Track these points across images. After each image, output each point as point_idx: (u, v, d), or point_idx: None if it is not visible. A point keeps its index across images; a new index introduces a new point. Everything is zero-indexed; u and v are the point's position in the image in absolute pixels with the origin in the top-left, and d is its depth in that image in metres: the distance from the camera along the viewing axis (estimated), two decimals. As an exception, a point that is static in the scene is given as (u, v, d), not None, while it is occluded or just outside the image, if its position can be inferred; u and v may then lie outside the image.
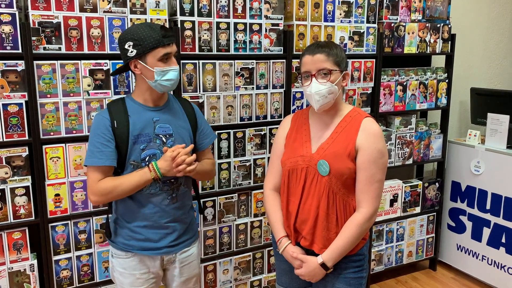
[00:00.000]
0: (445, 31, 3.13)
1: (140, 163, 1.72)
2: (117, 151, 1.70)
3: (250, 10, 2.42)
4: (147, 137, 1.72)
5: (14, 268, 2.10)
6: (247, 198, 2.62)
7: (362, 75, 2.82)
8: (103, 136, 1.68)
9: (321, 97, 1.64)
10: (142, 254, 1.79)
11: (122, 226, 1.81)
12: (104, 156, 1.68)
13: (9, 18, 1.92)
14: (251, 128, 2.54)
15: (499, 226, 3.10)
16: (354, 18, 2.74)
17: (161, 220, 1.78)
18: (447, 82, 3.21)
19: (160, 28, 1.66)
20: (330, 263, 1.67)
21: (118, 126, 1.69)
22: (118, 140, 1.69)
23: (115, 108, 1.73)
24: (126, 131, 1.69)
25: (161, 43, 1.64)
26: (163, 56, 1.66)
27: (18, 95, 2.00)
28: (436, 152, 3.29)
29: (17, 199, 2.06)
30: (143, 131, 1.72)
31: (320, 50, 1.65)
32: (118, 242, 1.82)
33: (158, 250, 1.80)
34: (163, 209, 1.78)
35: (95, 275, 2.26)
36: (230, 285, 2.66)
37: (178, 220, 1.83)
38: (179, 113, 1.84)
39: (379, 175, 1.67)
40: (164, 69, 1.67)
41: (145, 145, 1.72)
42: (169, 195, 1.78)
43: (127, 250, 1.80)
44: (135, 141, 1.71)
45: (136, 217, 1.78)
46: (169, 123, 1.77)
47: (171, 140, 1.76)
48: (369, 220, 1.67)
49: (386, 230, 3.16)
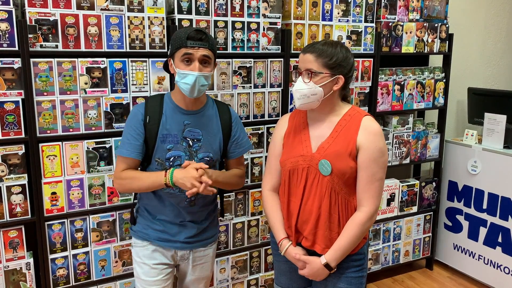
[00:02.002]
0: (443, 30, 3.13)
1: (164, 162, 1.75)
2: (145, 145, 1.74)
3: (248, 9, 2.42)
4: (175, 138, 1.74)
5: (10, 266, 2.09)
6: (244, 197, 2.62)
7: (360, 74, 2.82)
8: (135, 130, 1.73)
9: (302, 96, 1.64)
10: (158, 244, 1.83)
11: (142, 216, 1.87)
12: (131, 149, 1.73)
13: (5, 16, 1.91)
14: (249, 127, 2.53)
15: (496, 226, 3.11)
16: (352, 17, 2.74)
17: (178, 218, 1.82)
18: (444, 82, 3.22)
19: (193, 31, 1.65)
20: (333, 263, 1.67)
21: (150, 122, 1.73)
22: (147, 135, 1.73)
23: (152, 104, 1.77)
24: (156, 128, 1.73)
25: (184, 44, 1.64)
26: (183, 57, 1.66)
27: (14, 93, 1.99)
28: (433, 151, 3.29)
29: (13, 197, 2.05)
30: (171, 132, 1.74)
31: (312, 50, 1.64)
32: (137, 230, 1.87)
33: (173, 243, 1.83)
34: (180, 210, 1.81)
35: (91, 273, 2.26)
36: (227, 284, 2.65)
37: (196, 221, 1.85)
38: (213, 119, 1.82)
39: (380, 174, 1.68)
40: (183, 72, 1.66)
41: (172, 145, 1.74)
42: (188, 198, 1.78)
43: (144, 239, 1.84)
44: (163, 139, 1.74)
45: (156, 210, 1.82)
46: (200, 128, 1.78)
47: (197, 145, 1.77)
48: (370, 219, 1.67)
49: (383, 230, 3.16)
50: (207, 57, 1.68)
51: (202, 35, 1.66)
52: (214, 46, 1.71)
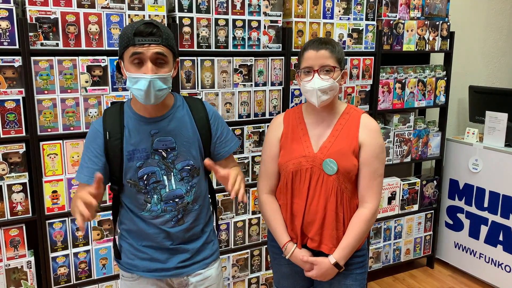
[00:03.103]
0: (444, 28, 3.12)
1: (138, 182, 1.51)
2: (110, 166, 1.50)
3: (249, 7, 2.41)
4: (144, 153, 1.49)
5: (11, 265, 2.09)
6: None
7: (360, 72, 2.82)
8: (92, 151, 1.49)
9: (323, 93, 1.63)
10: (147, 276, 1.58)
11: (126, 243, 1.61)
12: (89, 173, 1.47)
13: (6, 14, 1.91)
14: (250, 125, 2.53)
15: (497, 224, 3.10)
16: (353, 15, 2.74)
17: (166, 242, 1.56)
18: (445, 80, 3.21)
19: (142, 24, 1.36)
20: (342, 261, 1.68)
21: (111, 139, 1.47)
22: (111, 155, 1.48)
23: (111, 116, 1.51)
24: (120, 145, 1.47)
25: (131, 41, 1.36)
26: (132, 58, 1.37)
27: (15, 91, 1.99)
28: (434, 150, 3.29)
29: (14, 195, 2.05)
30: (138, 146, 1.49)
31: (325, 46, 1.64)
32: (123, 262, 1.62)
33: (166, 272, 1.58)
34: (167, 232, 1.55)
35: (92, 272, 2.26)
36: (228, 283, 2.65)
37: (188, 241, 1.60)
38: (185, 121, 1.55)
39: (381, 170, 1.70)
40: (134, 75, 1.38)
41: (142, 162, 1.49)
42: (174, 217, 1.54)
43: (132, 271, 1.60)
44: (130, 157, 1.49)
45: (140, 235, 1.57)
46: (172, 135, 1.51)
47: (172, 155, 1.52)
48: (374, 215, 1.70)
49: (384, 228, 3.16)
50: (161, 55, 1.38)
51: (153, 29, 1.36)
52: (170, 41, 1.41)
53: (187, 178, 1.55)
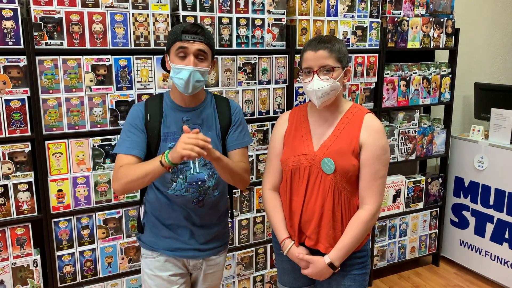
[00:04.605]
0: (449, 25, 3.11)
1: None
2: (148, 145, 1.68)
3: (252, 5, 2.41)
4: (175, 136, 1.68)
5: (17, 263, 2.10)
6: (249, 194, 2.62)
7: (365, 70, 2.81)
8: (134, 126, 1.67)
9: (323, 93, 1.62)
10: (168, 254, 1.75)
11: (149, 222, 1.78)
12: (132, 145, 1.64)
13: (11, 14, 1.92)
14: (254, 124, 2.53)
15: (503, 222, 3.09)
16: (357, 13, 2.73)
17: (187, 222, 1.73)
18: (450, 77, 3.20)
19: (189, 24, 1.60)
20: (337, 262, 1.66)
21: (151, 120, 1.68)
22: (150, 134, 1.67)
23: (152, 103, 1.72)
24: (158, 127, 1.68)
25: (179, 37, 1.58)
26: (177, 51, 1.59)
27: (20, 91, 2.00)
28: (439, 147, 3.28)
29: (20, 194, 2.06)
30: (171, 129, 1.69)
31: (323, 46, 1.62)
32: (145, 240, 1.78)
33: (185, 252, 1.75)
34: (188, 212, 1.72)
35: (98, 270, 2.27)
36: (233, 280, 2.66)
37: (206, 225, 1.77)
38: (212, 115, 1.75)
39: (383, 171, 1.67)
40: (178, 66, 1.60)
41: (174, 143, 1.64)
42: (195, 198, 1.70)
43: (153, 249, 1.76)
44: (165, 138, 1.68)
45: (164, 213, 1.74)
46: (199, 124, 1.71)
47: None
48: (373, 217, 1.66)
49: (389, 226, 3.16)
50: (203, 51, 1.61)
51: (198, 29, 1.60)
52: (211, 41, 1.65)
53: (210, 164, 1.69)
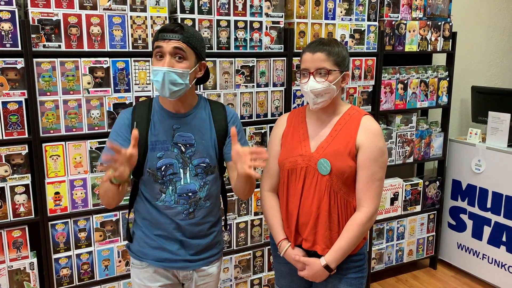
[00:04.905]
0: (446, 29, 3.12)
1: (156, 172, 1.57)
2: None
3: (250, 8, 2.41)
4: (165, 145, 1.58)
5: (14, 266, 2.09)
6: (247, 197, 2.61)
7: (363, 73, 2.81)
8: (119, 134, 1.58)
9: (317, 95, 1.63)
10: (156, 265, 1.65)
11: (138, 230, 1.68)
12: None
13: (8, 16, 1.92)
14: (252, 126, 2.53)
15: (500, 225, 3.09)
16: (355, 16, 2.73)
17: (176, 233, 1.63)
18: (448, 80, 3.21)
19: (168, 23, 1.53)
20: (333, 264, 1.66)
21: (138, 128, 1.53)
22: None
23: (140, 109, 1.62)
24: (145, 135, 1.56)
25: (156, 37, 1.50)
26: (155, 51, 1.50)
27: (17, 93, 1.99)
28: (437, 150, 3.28)
29: (17, 197, 2.05)
30: (160, 138, 1.58)
31: (321, 49, 1.62)
32: (134, 249, 1.69)
33: (174, 263, 1.65)
34: (178, 223, 1.62)
35: (95, 273, 2.26)
36: (230, 284, 2.65)
37: (196, 237, 1.66)
38: (206, 121, 1.64)
39: (380, 174, 1.67)
40: (154, 68, 1.49)
41: (162, 153, 1.58)
42: (186, 210, 1.61)
43: (141, 259, 1.67)
44: (152, 147, 1.58)
45: (153, 223, 1.64)
46: (192, 132, 1.60)
47: (191, 151, 1.60)
48: (370, 219, 1.66)
49: (386, 229, 3.16)
50: (180, 50, 1.47)
51: (175, 27, 1.48)
52: (191, 39, 1.49)
53: (202, 174, 1.62)
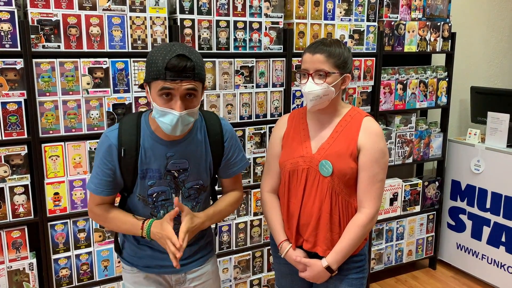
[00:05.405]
0: (446, 29, 3.12)
1: (147, 198, 1.51)
2: (123, 179, 1.49)
3: (250, 8, 2.42)
4: (157, 173, 1.48)
5: (13, 267, 2.09)
6: (246, 197, 2.61)
7: (362, 73, 2.82)
8: (105, 164, 1.46)
9: (315, 97, 1.62)
10: (146, 271, 1.62)
11: (128, 241, 1.63)
12: (101, 186, 1.48)
13: (8, 16, 1.92)
14: (251, 127, 2.53)
15: (499, 225, 3.09)
16: (354, 17, 2.74)
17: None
18: (447, 81, 3.21)
19: (174, 57, 1.29)
20: (334, 266, 1.66)
21: (126, 156, 1.44)
22: (124, 170, 1.46)
23: (127, 131, 1.46)
24: (134, 163, 1.45)
25: (161, 75, 1.30)
26: (161, 91, 1.32)
27: (17, 93, 1.99)
28: (436, 151, 3.28)
29: (16, 197, 2.05)
30: (152, 166, 1.47)
31: (321, 50, 1.61)
32: (125, 255, 1.65)
33: (164, 268, 1.60)
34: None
35: (94, 274, 2.26)
36: (230, 284, 2.65)
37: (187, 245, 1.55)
38: (201, 145, 1.53)
39: (381, 175, 1.66)
40: (162, 109, 1.34)
41: (154, 181, 1.49)
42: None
43: (132, 265, 1.63)
44: (143, 175, 1.48)
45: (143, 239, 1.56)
46: (187, 158, 1.50)
47: (184, 175, 1.51)
48: (371, 221, 1.66)
49: (386, 229, 3.16)
50: (193, 90, 1.34)
51: (186, 63, 1.30)
52: (201, 72, 1.36)
53: (194, 195, 1.57)
